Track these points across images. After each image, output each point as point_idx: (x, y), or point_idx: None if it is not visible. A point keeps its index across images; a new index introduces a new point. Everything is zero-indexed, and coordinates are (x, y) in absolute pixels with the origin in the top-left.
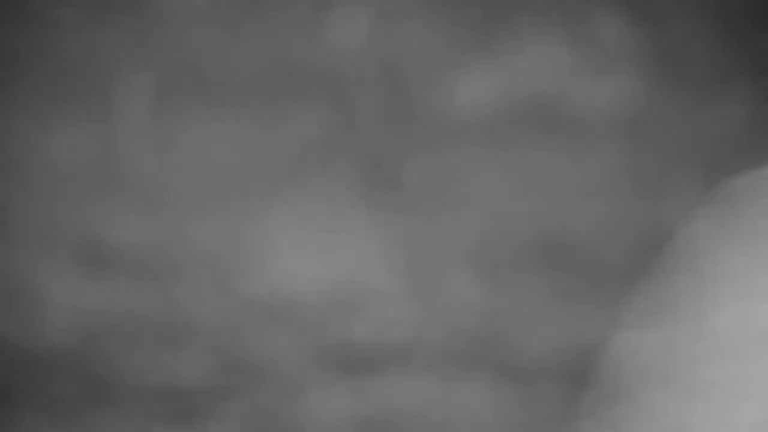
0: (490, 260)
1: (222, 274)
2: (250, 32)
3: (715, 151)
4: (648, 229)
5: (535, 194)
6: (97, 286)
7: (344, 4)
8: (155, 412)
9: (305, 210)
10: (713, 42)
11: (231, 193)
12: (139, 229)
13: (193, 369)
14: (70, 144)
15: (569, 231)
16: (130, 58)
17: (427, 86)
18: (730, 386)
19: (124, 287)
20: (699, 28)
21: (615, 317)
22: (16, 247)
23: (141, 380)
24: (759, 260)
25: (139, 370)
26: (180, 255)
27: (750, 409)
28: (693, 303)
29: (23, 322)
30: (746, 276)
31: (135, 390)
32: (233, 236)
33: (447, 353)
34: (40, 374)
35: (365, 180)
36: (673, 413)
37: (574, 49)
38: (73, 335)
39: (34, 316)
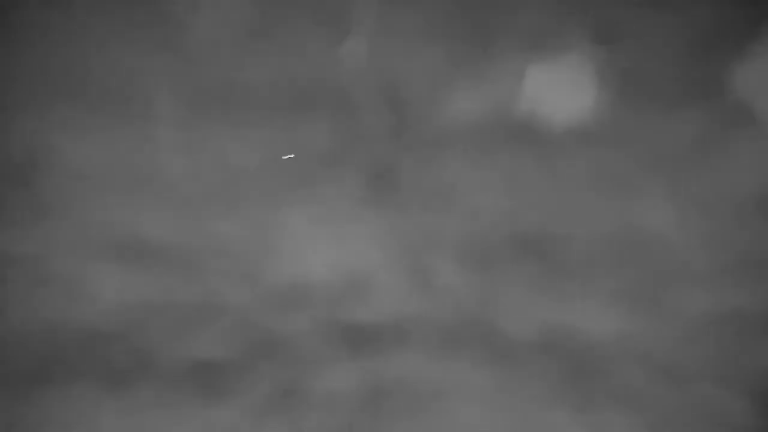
0: (476, 252)
1: (245, 265)
2: (269, 53)
3: (672, 158)
4: (614, 225)
5: (516, 195)
6: (138, 276)
7: (351, 31)
8: (189, 383)
9: (317, 209)
10: (670, 65)
11: (253, 195)
12: (173, 226)
13: (221, 346)
14: (112, 152)
15: (545, 227)
16: (163, 75)
17: (422, 102)
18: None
19: (161, 276)
20: (657, 53)
21: (587, 301)
22: (68, 245)
23: (176, 356)
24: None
25: (175, 347)
26: (209, 248)
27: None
28: (651, 288)
29: (77, 307)
30: (695, 264)
31: (171, 364)
32: (255, 232)
33: (439, 332)
34: (93, 351)
35: (369, 183)
36: (639, 386)
37: (549, 70)
38: (118, 318)
39: (85, 303)
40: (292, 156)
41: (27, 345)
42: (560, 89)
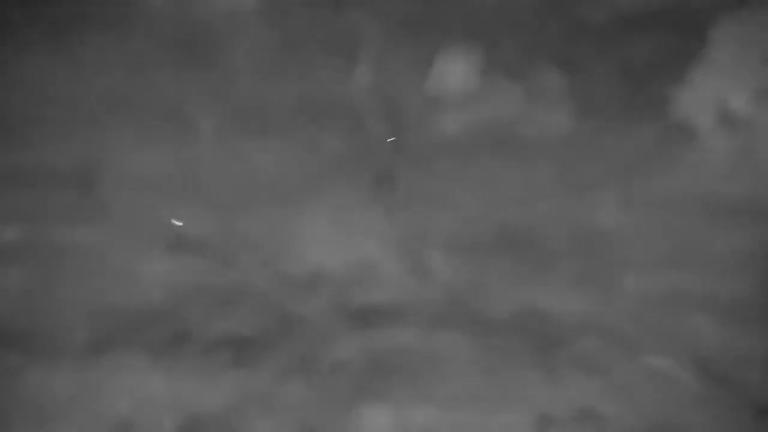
0: (463, 244)
1: (269, 255)
2: (290, 76)
3: (624, 165)
4: (577, 221)
5: (497, 196)
6: (180, 265)
7: (359, 59)
8: (222, 354)
9: (329, 208)
10: (621, 86)
11: (275, 196)
12: (209, 224)
13: (248, 323)
14: (158, 159)
15: (521, 223)
16: (202, 96)
17: (418, 116)
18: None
19: (198, 265)
20: (611, 77)
21: (554, 285)
22: (121, 236)
23: (212, 331)
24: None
25: (210, 324)
26: (238, 240)
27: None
28: (608, 274)
29: (125, 288)
30: (645, 254)
31: (207, 338)
32: (277, 228)
33: (431, 311)
34: (142, 327)
35: (373, 186)
36: (597, 356)
37: (524, 90)
38: (163, 299)
39: (136, 286)
40: (393, 138)
41: (88, 322)
42: (534, 108)
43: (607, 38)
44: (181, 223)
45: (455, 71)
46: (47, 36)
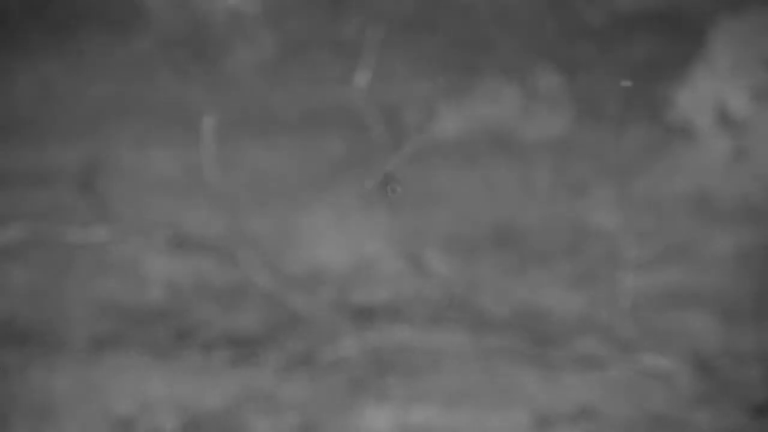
0: (461, 244)
1: (271, 254)
2: (294, 84)
3: (618, 166)
4: (572, 221)
5: (494, 197)
6: (182, 264)
7: (360, 64)
8: (224, 352)
9: (330, 208)
10: (617, 92)
11: (278, 197)
12: (213, 222)
13: (250, 321)
14: (166, 162)
15: (517, 223)
16: (207, 102)
17: (418, 121)
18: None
19: (200, 264)
20: (607, 82)
21: (552, 284)
22: (128, 235)
23: (213, 329)
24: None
25: (212, 322)
26: (241, 239)
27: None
28: (606, 273)
29: (132, 285)
30: (643, 253)
31: (209, 336)
32: (279, 227)
33: (430, 310)
34: (142, 322)
35: (375, 187)
36: (595, 355)
37: (522, 94)
38: (165, 295)
39: (139, 282)
40: (629, 83)
41: (90, 319)
42: (530, 110)
43: (607, 38)
44: None
45: (453, 75)
46: (48, 36)
